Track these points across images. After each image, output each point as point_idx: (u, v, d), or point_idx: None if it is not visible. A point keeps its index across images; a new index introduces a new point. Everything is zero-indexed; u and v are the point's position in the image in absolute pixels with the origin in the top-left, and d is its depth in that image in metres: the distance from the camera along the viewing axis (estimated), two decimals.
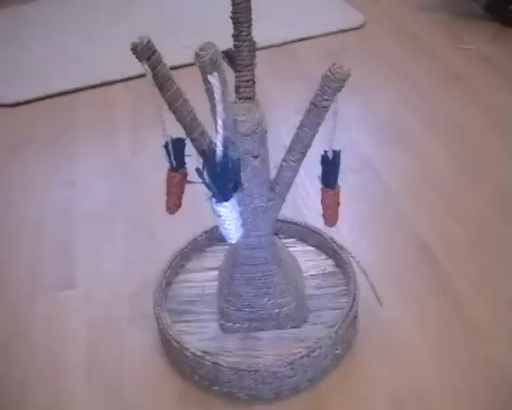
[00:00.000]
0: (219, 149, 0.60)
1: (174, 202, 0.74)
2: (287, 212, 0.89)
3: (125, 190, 1.15)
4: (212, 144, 0.67)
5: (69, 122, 1.38)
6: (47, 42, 1.69)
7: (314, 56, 1.54)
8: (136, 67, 1.66)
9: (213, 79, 0.56)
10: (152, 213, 1.07)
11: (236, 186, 0.63)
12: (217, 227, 0.82)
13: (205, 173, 0.61)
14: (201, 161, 0.71)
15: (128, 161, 1.23)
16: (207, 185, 0.62)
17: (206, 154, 0.66)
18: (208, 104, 0.63)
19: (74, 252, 1.02)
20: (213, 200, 0.63)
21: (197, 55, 0.56)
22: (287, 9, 1.69)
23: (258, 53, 0.71)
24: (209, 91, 0.59)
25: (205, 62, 0.55)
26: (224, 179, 0.62)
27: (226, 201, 0.63)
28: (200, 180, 0.62)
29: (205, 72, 0.56)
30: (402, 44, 1.57)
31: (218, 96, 0.58)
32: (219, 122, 0.59)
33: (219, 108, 0.58)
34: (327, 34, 1.62)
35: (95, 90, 1.48)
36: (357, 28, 1.65)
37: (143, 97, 1.42)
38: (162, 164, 0.72)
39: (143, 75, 1.47)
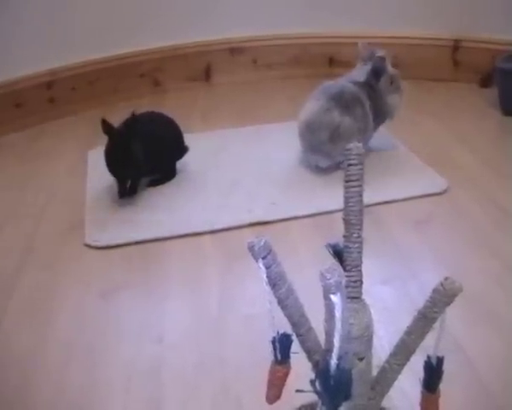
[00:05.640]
0: (334, 362, 0.61)
1: (275, 394, 0.75)
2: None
3: (213, 352, 1.16)
4: (323, 353, 0.69)
5: (159, 271, 1.43)
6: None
7: (398, 221, 1.56)
8: (223, 219, 1.69)
9: (337, 299, 0.59)
10: (240, 379, 1.08)
11: (347, 396, 0.64)
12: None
13: (317, 384, 0.63)
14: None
15: (216, 320, 1.25)
16: (319, 395, 0.63)
17: (320, 365, 0.68)
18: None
19: None
20: (323, 408, 0.64)
21: (322, 275, 0.59)
22: (371, 172, 1.74)
23: (340, 213, 0.74)
24: (329, 307, 0.61)
25: (330, 284, 0.58)
26: (336, 390, 0.63)
27: (335, 409, 0.64)
28: (311, 389, 0.63)
29: (328, 292, 0.59)
30: (487, 213, 1.58)
31: (338, 313, 0.60)
32: (337, 337, 0.61)
33: (338, 324, 0.60)
34: (410, 198, 1.65)
35: (184, 240, 1.54)
36: (441, 194, 1.67)
37: (231, 252, 1.47)
38: (248, 329, 0.73)
39: (231, 228, 1.49)
